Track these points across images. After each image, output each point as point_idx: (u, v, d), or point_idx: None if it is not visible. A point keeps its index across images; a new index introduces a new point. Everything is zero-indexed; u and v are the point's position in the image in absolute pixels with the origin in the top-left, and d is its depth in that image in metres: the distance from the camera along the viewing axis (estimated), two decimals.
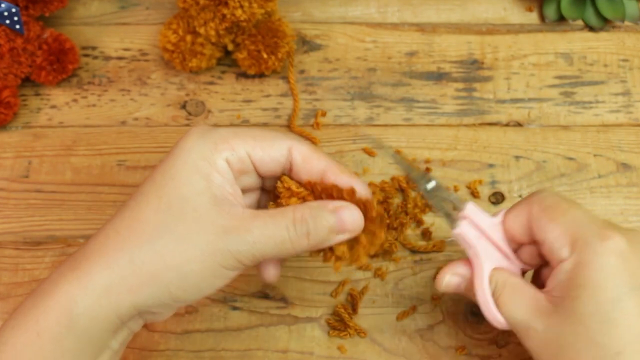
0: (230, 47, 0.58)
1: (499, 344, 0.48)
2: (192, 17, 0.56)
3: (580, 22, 0.62)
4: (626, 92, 0.59)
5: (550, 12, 0.62)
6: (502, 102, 0.59)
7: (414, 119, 0.58)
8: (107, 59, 0.60)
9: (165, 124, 0.58)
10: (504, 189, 0.54)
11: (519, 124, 0.58)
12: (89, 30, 0.62)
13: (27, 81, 0.58)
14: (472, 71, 0.60)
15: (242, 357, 0.48)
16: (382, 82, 0.59)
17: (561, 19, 0.62)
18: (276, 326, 0.49)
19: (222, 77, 0.60)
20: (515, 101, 0.59)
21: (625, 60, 0.60)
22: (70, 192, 0.54)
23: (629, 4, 0.61)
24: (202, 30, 0.56)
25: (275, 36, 0.57)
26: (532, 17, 0.63)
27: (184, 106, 0.58)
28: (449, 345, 0.49)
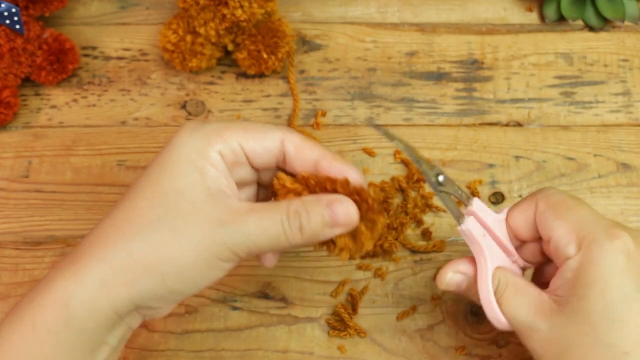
0: (230, 47, 0.58)
1: (499, 344, 0.48)
2: (192, 17, 0.56)
3: (580, 22, 0.62)
4: (626, 92, 0.59)
5: (550, 12, 0.62)
6: (502, 102, 0.59)
7: (414, 119, 0.58)
8: (107, 59, 0.60)
9: (165, 124, 0.58)
10: (504, 189, 0.54)
11: (519, 124, 0.58)
12: (89, 30, 0.62)
13: (27, 81, 0.58)
14: (472, 71, 0.60)
15: (242, 357, 0.48)
16: (382, 82, 0.59)
17: (561, 19, 0.62)
18: (276, 326, 0.49)
19: (222, 77, 0.60)
20: (515, 101, 0.59)
21: (625, 60, 0.60)
22: (70, 192, 0.54)
23: (629, 4, 0.61)
24: (202, 30, 0.56)
25: (275, 36, 0.57)
26: (532, 17, 0.63)
27: (184, 106, 0.58)
28: (449, 345, 0.49)
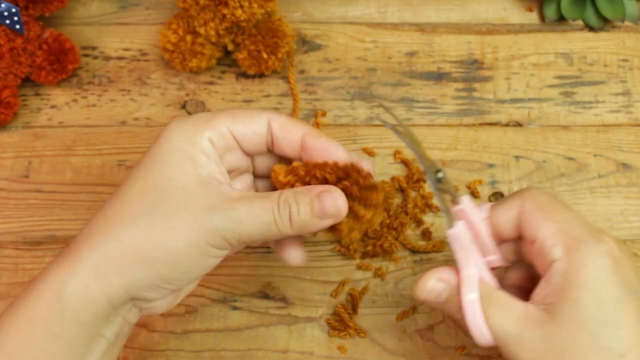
0: (230, 47, 0.58)
1: None
2: (192, 17, 0.56)
3: (580, 22, 0.62)
4: (626, 92, 0.59)
5: (550, 12, 0.62)
6: (502, 102, 0.59)
7: (414, 119, 0.58)
8: (107, 59, 0.60)
9: (165, 124, 0.57)
10: (504, 189, 0.54)
11: (519, 124, 0.58)
12: (89, 30, 0.62)
13: (27, 81, 0.58)
14: (472, 71, 0.60)
15: (242, 357, 0.48)
16: (382, 82, 0.59)
17: (561, 19, 0.62)
18: (276, 326, 0.49)
19: (222, 77, 0.60)
20: (515, 101, 0.59)
21: (625, 60, 0.60)
22: (70, 192, 0.54)
23: (629, 4, 0.61)
24: (202, 30, 0.56)
25: (275, 36, 0.57)
26: (532, 17, 0.63)
27: (184, 106, 0.58)
28: (449, 345, 0.49)
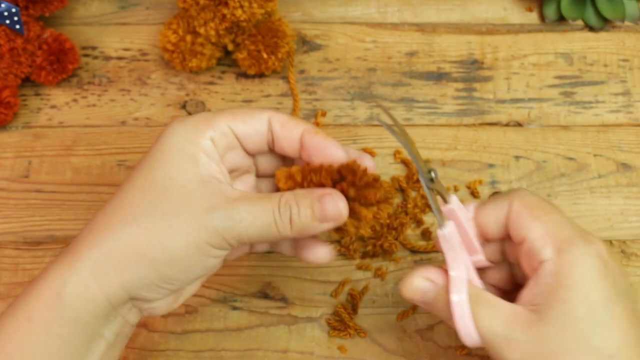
0: (230, 47, 0.58)
1: None
2: (192, 17, 0.56)
3: (580, 22, 0.62)
4: (626, 92, 0.59)
5: (550, 12, 0.62)
6: (502, 102, 0.59)
7: (414, 119, 0.58)
8: (107, 59, 0.60)
9: (165, 124, 0.57)
10: (504, 189, 0.54)
11: (519, 124, 0.58)
12: (89, 30, 0.62)
13: (27, 81, 0.58)
14: (472, 71, 0.60)
15: (242, 357, 0.48)
16: (382, 82, 0.59)
17: (561, 19, 0.62)
18: (276, 326, 0.49)
19: (222, 77, 0.60)
20: (515, 101, 0.59)
21: (625, 60, 0.60)
22: (70, 192, 0.54)
23: (629, 4, 0.61)
24: (202, 30, 0.56)
25: (275, 36, 0.57)
26: (532, 17, 0.63)
27: (184, 106, 0.58)
28: (449, 345, 0.49)
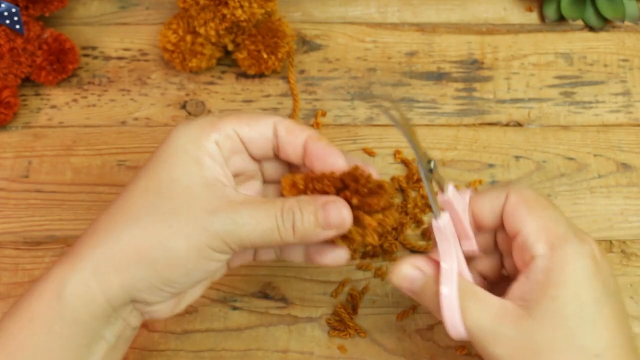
0: (230, 47, 0.58)
1: None
2: (192, 17, 0.56)
3: (580, 22, 0.62)
4: (626, 92, 0.59)
5: (550, 12, 0.62)
6: (502, 102, 0.59)
7: (414, 119, 0.58)
8: (107, 59, 0.60)
9: (165, 124, 0.57)
10: None
11: (519, 124, 0.58)
12: (89, 30, 0.62)
13: (27, 81, 0.58)
14: (472, 71, 0.60)
15: (242, 357, 0.48)
16: (382, 82, 0.59)
17: (561, 19, 0.62)
18: (276, 326, 0.49)
19: (222, 77, 0.60)
20: (515, 101, 0.59)
21: (625, 60, 0.60)
22: (70, 192, 0.54)
23: (629, 4, 0.61)
24: (202, 30, 0.56)
25: (275, 36, 0.57)
26: (532, 17, 0.63)
27: (184, 106, 0.58)
28: (449, 345, 0.49)
